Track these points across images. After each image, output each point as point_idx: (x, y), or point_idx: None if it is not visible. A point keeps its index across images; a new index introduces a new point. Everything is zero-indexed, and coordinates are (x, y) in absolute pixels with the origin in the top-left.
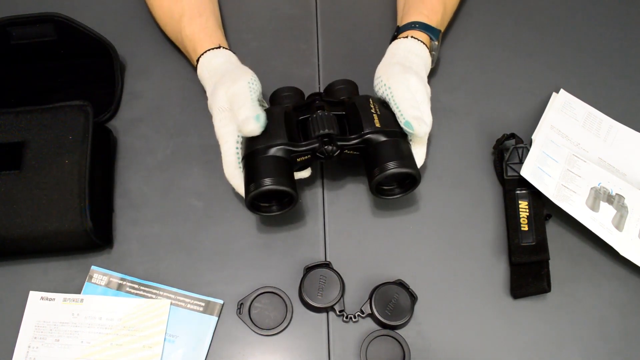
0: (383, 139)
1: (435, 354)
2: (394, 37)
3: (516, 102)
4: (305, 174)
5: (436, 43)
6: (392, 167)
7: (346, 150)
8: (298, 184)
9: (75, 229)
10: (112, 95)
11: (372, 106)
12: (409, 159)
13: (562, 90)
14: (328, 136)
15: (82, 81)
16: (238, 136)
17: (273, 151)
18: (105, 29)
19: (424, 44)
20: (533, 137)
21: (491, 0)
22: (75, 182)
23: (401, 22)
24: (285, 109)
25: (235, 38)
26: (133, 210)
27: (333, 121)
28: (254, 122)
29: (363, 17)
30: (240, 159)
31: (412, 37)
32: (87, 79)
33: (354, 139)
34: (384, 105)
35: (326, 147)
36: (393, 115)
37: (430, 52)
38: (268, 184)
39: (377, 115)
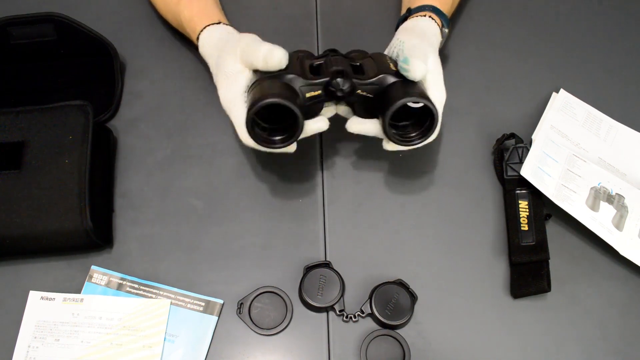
0: (397, 79)
1: (435, 354)
2: (404, 19)
3: (516, 102)
4: (322, 124)
5: (446, 31)
6: (405, 96)
7: (359, 91)
8: (298, 176)
9: (75, 229)
10: (112, 95)
11: (387, 59)
12: (423, 94)
13: (562, 90)
14: (341, 72)
15: (82, 81)
16: (246, 99)
17: (283, 80)
18: (105, 29)
19: (438, 26)
20: (533, 137)
21: (491, 1)
22: (75, 182)
23: (412, 4)
24: (299, 55)
25: None
26: (133, 210)
27: (347, 63)
28: (281, 50)
29: (363, 17)
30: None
31: (429, 16)
32: (87, 79)
33: (369, 78)
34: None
35: (339, 80)
36: None
37: (440, 37)
38: (269, 97)
39: (392, 64)
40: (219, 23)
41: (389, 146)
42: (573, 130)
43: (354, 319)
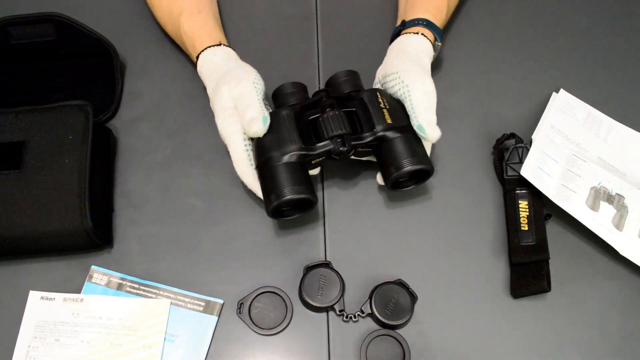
0: (396, 135)
1: (435, 354)
2: (399, 32)
3: (516, 102)
4: (314, 172)
5: (439, 44)
6: (408, 165)
7: (359, 148)
8: None
9: (75, 229)
10: (112, 95)
11: (380, 100)
12: (422, 154)
13: (562, 90)
14: (341, 137)
15: (82, 81)
16: (244, 134)
17: (288, 157)
18: (105, 29)
19: (430, 42)
20: (533, 137)
21: (491, 0)
22: (75, 182)
23: (406, 15)
24: (294, 109)
25: (235, 38)
26: (133, 210)
27: (344, 120)
28: (260, 124)
29: (363, 17)
30: (251, 157)
31: (421, 34)
32: (87, 79)
33: (367, 137)
34: (392, 98)
35: (341, 148)
36: (402, 107)
37: (433, 52)
38: (288, 194)
39: (387, 110)
40: (219, 45)
41: (382, 182)
42: (573, 130)
43: (354, 319)
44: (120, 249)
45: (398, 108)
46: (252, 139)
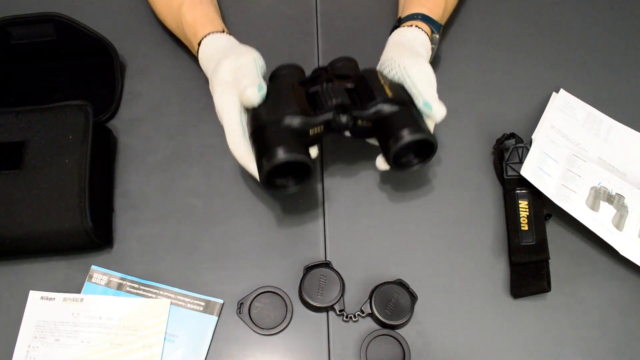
0: (396, 108)
1: (435, 354)
2: (395, 28)
3: (516, 102)
4: (312, 153)
5: (437, 36)
6: (408, 135)
7: (359, 122)
8: None
9: (75, 229)
10: (112, 95)
11: (380, 78)
12: (424, 125)
13: (562, 90)
14: (342, 106)
15: (82, 81)
16: (241, 107)
17: (285, 122)
18: (105, 29)
19: (426, 34)
20: (533, 137)
21: (491, 0)
22: (75, 182)
23: (403, 13)
24: (292, 82)
25: (236, 38)
26: (133, 210)
27: (344, 91)
28: (254, 89)
29: (363, 17)
30: (246, 130)
31: (415, 26)
32: (87, 79)
33: (368, 108)
34: (392, 80)
35: (341, 117)
36: (403, 87)
37: (430, 44)
38: (282, 155)
39: (387, 85)
40: (222, 32)
41: (383, 166)
42: (573, 130)
43: (354, 319)
44: (120, 249)
45: (398, 85)
46: (248, 111)
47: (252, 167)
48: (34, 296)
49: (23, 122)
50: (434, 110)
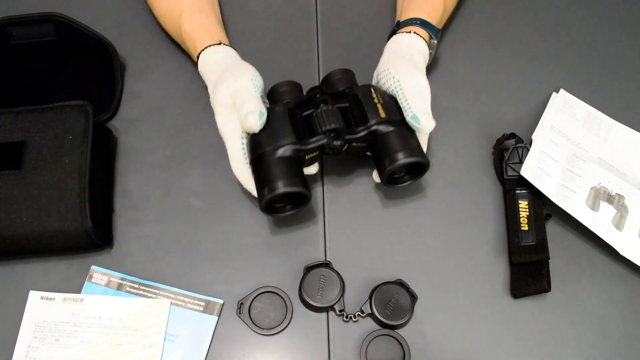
0: (390, 129)
1: (435, 354)
2: (393, 32)
3: (516, 102)
4: (312, 170)
5: (435, 42)
6: (402, 158)
7: (354, 143)
8: None
9: (75, 229)
10: (112, 95)
11: (374, 96)
12: (417, 147)
13: (562, 90)
14: (335, 131)
15: (82, 81)
16: (242, 132)
17: (281, 152)
18: (105, 29)
19: (424, 40)
20: (533, 137)
21: (492, 0)
22: (75, 182)
23: (401, 17)
24: (287, 105)
25: (236, 38)
26: (133, 210)
27: (338, 115)
28: (256, 118)
29: (363, 17)
30: (246, 155)
31: (414, 32)
32: (87, 79)
33: (361, 131)
34: (386, 93)
35: (334, 142)
36: (396, 103)
37: (428, 50)
38: (281, 187)
39: (381, 104)
40: (219, 44)
41: (379, 179)
42: (573, 130)
43: (354, 319)
44: (120, 249)
45: (392, 103)
46: (248, 133)
47: (255, 191)
48: (34, 296)
49: (23, 122)
50: (422, 124)
